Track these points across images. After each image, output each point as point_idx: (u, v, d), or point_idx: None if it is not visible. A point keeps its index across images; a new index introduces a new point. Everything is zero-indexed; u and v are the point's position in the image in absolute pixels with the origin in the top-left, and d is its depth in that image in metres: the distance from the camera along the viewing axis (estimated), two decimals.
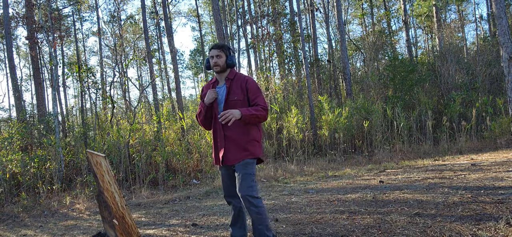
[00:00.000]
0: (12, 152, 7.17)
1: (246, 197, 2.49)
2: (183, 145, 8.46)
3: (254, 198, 2.50)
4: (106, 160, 2.67)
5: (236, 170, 2.61)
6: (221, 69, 2.68)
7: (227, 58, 2.68)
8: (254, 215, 2.51)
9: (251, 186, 2.53)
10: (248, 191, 2.51)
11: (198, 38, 27.01)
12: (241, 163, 2.59)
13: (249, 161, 2.60)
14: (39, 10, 9.81)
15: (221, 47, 2.70)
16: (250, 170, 2.58)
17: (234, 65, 2.71)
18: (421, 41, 24.33)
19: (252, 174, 2.58)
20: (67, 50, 22.28)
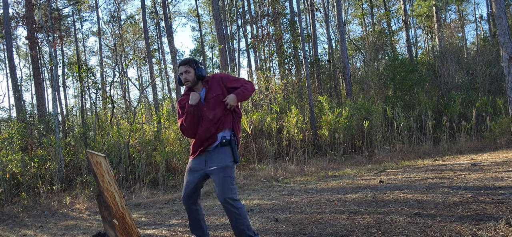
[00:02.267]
0: (12, 152, 7.17)
1: (226, 199, 2.56)
2: (183, 145, 8.45)
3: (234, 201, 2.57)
4: (106, 160, 2.67)
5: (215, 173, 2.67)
6: (192, 83, 2.75)
7: (195, 71, 2.74)
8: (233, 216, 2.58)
9: (231, 189, 2.60)
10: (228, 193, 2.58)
11: (198, 38, 27.02)
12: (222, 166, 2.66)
13: (229, 164, 2.67)
14: (39, 10, 9.81)
15: (187, 62, 2.75)
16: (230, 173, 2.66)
17: (204, 76, 2.76)
18: (421, 41, 24.34)
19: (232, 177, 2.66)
20: (67, 50, 22.29)
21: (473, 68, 12.26)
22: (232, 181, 2.61)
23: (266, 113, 10.48)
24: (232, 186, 2.60)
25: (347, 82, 12.62)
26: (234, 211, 2.55)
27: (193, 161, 2.80)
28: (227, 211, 2.57)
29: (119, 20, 20.62)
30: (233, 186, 2.61)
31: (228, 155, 2.68)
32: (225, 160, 2.65)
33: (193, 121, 2.72)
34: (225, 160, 2.65)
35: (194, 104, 2.68)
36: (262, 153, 9.20)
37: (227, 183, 2.58)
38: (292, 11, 15.74)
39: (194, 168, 2.78)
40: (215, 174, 2.64)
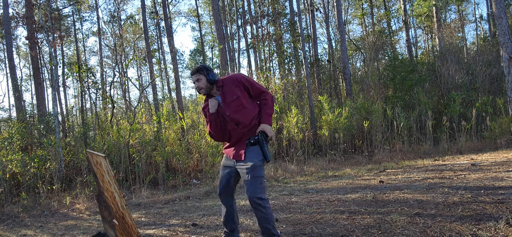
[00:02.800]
0: (12, 152, 7.17)
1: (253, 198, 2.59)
2: (183, 145, 8.45)
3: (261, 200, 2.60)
4: (106, 160, 2.67)
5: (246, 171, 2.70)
6: (207, 89, 2.77)
7: (206, 77, 2.74)
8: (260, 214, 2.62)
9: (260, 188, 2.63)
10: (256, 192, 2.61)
11: (198, 38, 27.02)
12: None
13: (258, 163, 2.67)
14: (39, 10, 9.81)
15: (197, 71, 2.78)
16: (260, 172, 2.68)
17: (216, 80, 2.76)
18: (421, 41, 24.34)
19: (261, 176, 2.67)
20: (67, 50, 22.30)
21: (473, 68, 12.26)
22: (261, 180, 2.62)
23: None
24: (261, 185, 2.61)
25: (347, 82, 12.62)
26: (262, 209, 2.58)
27: (226, 156, 2.87)
28: (254, 209, 2.61)
29: (119, 20, 20.62)
30: (262, 185, 2.61)
31: (257, 154, 2.66)
32: (254, 159, 2.64)
33: (218, 127, 2.76)
34: (254, 159, 2.64)
35: (214, 111, 2.72)
36: None
37: (256, 182, 2.59)
38: (292, 11, 15.75)
39: (226, 164, 2.85)
40: (243, 174, 2.66)
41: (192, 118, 10.18)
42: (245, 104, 2.70)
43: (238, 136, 2.73)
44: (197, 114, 10.18)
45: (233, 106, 2.68)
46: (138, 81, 20.02)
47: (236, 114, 2.68)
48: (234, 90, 2.71)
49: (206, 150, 8.08)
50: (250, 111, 2.72)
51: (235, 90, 2.71)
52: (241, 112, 2.69)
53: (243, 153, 2.68)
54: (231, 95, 2.71)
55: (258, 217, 2.62)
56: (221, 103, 2.75)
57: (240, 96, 2.70)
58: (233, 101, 2.69)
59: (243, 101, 2.69)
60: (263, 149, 2.66)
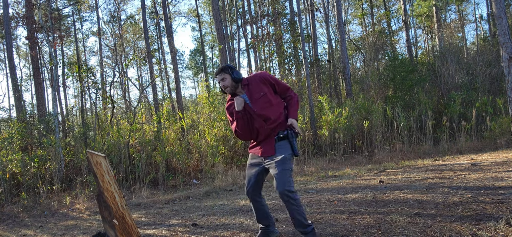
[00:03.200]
0: (12, 152, 7.18)
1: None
2: (183, 145, 8.46)
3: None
4: (106, 160, 2.67)
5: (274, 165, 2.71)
6: (232, 88, 2.78)
7: (231, 76, 2.76)
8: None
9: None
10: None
11: (198, 38, 27.02)
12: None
13: (287, 156, 2.69)
14: (39, 10, 9.81)
15: (221, 70, 2.79)
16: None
17: (241, 79, 2.79)
18: (421, 41, 24.34)
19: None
20: (67, 50, 22.30)
21: (473, 68, 12.26)
22: (290, 173, 2.63)
23: None
24: (290, 178, 2.61)
25: (347, 82, 12.62)
26: (292, 202, 2.59)
27: (252, 155, 2.88)
28: (285, 202, 2.61)
29: (119, 20, 20.62)
30: (291, 178, 2.62)
31: (286, 148, 2.69)
32: (284, 152, 2.66)
33: (245, 125, 2.77)
34: (283, 153, 2.66)
35: (241, 109, 2.72)
36: None
37: (286, 175, 2.59)
38: (292, 11, 15.75)
39: (253, 162, 2.87)
40: (273, 168, 2.67)
41: (192, 118, 10.18)
42: (272, 101, 2.73)
43: (266, 132, 2.74)
44: (197, 114, 10.19)
45: (261, 102, 2.72)
46: (138, 81, 20.02)
47: (264, 111, 2.72)
48: (261, 87, 2.75)
49: (206, 150, 8.08)
50: (277, 107, 2.76)
51: (262, 87, 2.75)
52: (269, 109, 2.72)
53: (273, 148, 2.70)
54: (258, 92, 2.74)
55: (290, 209, 2.62)
56: (247, 101, 2.76)
57: (267, 93, 2.74)
58: (261, 98, 2.73)
59: (270, 98, 2.73)
60: (292, 143, 2.68)
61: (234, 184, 6.75)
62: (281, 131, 2.73)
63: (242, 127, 2.77)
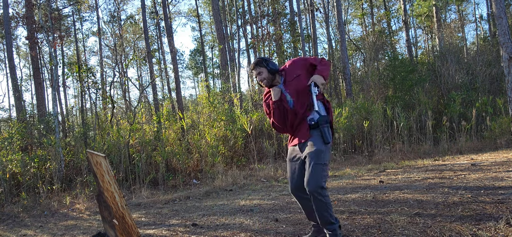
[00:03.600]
0: (12, 152, 7.18)
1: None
2: (183, 145, 8.46)
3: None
4: (106, 160, 2.67)
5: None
6: (269, 80, 2.73)
7: (267, 68, 2.71)
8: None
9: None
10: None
11: (198, 38, 27.02)
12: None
13: (320, 148, 2.55)
14: (39, 10, 9.81)
15: (256, 65, 2.75)
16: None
17: (277, 69, 2.73)
18: (421, 41, 24.34)
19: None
20: (67, 50, 22.30)
21: (473, 68, 12.26)
22: (323, 168, 2.47)
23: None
24: (323, 173, 2.46)
25: (347, 82, 12.62)
26: (321, 199, 2.45)
27: (290, 149, 2.77)
28: (313, 198, 2.47)
29: (119, 20, 20.62)
30: (323, 173, 2.46)
31: (318, 139, 2.55)
32: (315, 144, 2.53)
33: (281, 116, 2.69)
34: (315, 145, 2.53)
35: (277, 99, 2.66)
36: (262, 153, 9.20)
37: (317, 170, 2.44)
38: (292, 11, 15.75)
39: (292, 157, 2.74)
40: (306, 161, 2.54)
41: (192, 118, 10.18)
42: (305, 82, 2.64)
43: (300, 118, 2.65)
44: (197, 114, 10.19)
45: (294, 84, 2.66)
46: (138, 81, 20.02)
47: (294, 92, 2.65)
48: (295, 70, 2.71)
49: (206, 150, 8.08)
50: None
51: (296, 70, 2.71)
52: (300, 91, 2.64)
53: (306, 133, 2.60)
54: (292, 74, 2.70)
55: (317, 206, 2.48)
56: (283, 90, 2.70)
57: (301, 75, 2.68)
58: (293, 80, 2.68)
59: (303, 80, 2.65)
60: (323, 132, 2.55)
61: (234, 184, 6.75)
62: (312, 118, 2.60)
63: (279, 118, 2.69)
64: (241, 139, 9.09)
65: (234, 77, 12.60)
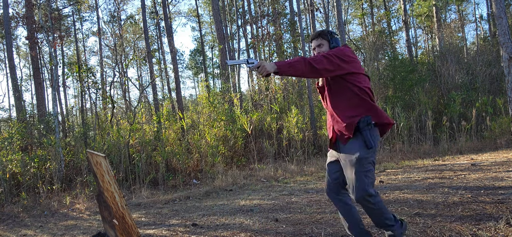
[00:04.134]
0: (12, 152, 7.18)
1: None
2: (183, 145, 8.46)
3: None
4: (106, 160, 2.67)
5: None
6: None
7: (329, 43, 2.39)
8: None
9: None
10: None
11: (198, 38, 27.01)
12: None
13: (361, 154, 2.25)
14: (39, 10, 9.81)
15: (319, 35, 2.41)
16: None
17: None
18: (421, 41, 24.34)
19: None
20: (67, 50, 22.30)
21: (473, 68, 12.26)
22: (366, 174, 2.19)
23: (266, 113, 10.49)
24: (367, 179, 2.18)
25: None
26: (371, 206, 2.21)
27: (330, 149, 2.48)
28: (363, 207, 2.25)
29: (119, 20, 20.61)
30: (367, 179, 2.19)
31: (357, 143, 2.22)
32: (355, 149, 2.21)
33: (325, 105, 2.44)
34: (354, 150, 2.21)
35: (322, 85, 2.42)
36: (262, 153, 9.20)
37: (360, 177, 2.18)
38: (292, 11, 15.75)
39: (330, 157, 2.48)
40: (344, 167, 2.28)
41: (192, 118, 10.18)
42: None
43: (337, 115, 2.35)
44: (197, 114, 10.19)
45: (336, 79, 2.34)
46: (138, 81, 20.01)
47: (331, 89, 2.36)
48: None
49: (206, 150, 8.08)
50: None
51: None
52: (337, 88, 2.33)
53: (346, 133, 2.27)
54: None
55: (369, 213, 2.27)
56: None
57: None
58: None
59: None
60: (365, 136, 2.21)
61: (234, 184, 6.75)
62: (352, 119, 2.25)
63: (325, 106, 2.42)
64: (241, 139, 9.09)
65: (234, 77, 12.60)
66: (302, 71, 2.15)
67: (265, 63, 2.17)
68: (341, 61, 2.23)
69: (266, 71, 2.17)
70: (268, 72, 2.18)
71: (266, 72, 2.18)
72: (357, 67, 2.31)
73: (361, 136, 2.23)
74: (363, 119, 2.24)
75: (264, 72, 2.18)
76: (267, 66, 2.17)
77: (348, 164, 2.25)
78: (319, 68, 2.16)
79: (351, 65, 2.27)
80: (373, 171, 2.24)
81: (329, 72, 2.22)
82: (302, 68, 2.15)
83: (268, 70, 2.17)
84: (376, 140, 2.26)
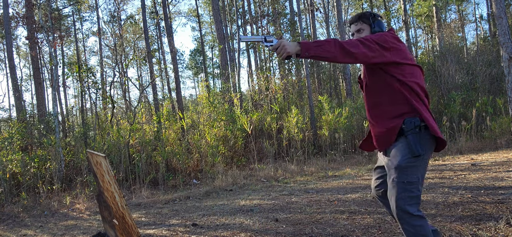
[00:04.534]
0: (12, 152, 7.18)
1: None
2: (183, 145, 8.46)
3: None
4: (106, 160, 2.67)
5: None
6: None
7: (371, 28, 2.06)
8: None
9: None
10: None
11: (198, 38, 27.01)
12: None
13: (403, 163, 1.87)
14: (39, 10, 9.81)
15: (359, 18, 2.09)
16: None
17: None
18: (421, 41, 24.35)
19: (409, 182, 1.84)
20: (67, 50, 22.31)
21: (473, 68, 12.26)
22: (407, 187, 1.80)
23: (266, 113, 10.48)
24: (409, 193, 1.80)
25: (347, 82, 12.62)
26: (410, 230, 1.82)
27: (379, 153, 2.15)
28: (400, 225, 1.88)
29: (119, 20, 20.61)
30: (410, 193, 1.80)
31: (401, 147, 1.85)
32: (398, 155, 1.84)
33: (365, 99, 2.11)
34: (398, 156, 1.85)
35: (361, 75, 2.13)
36: (262, 153, 9.20)
37: (400, 189, 1.81)
38: (292, 11, 15.75)
39: (377, 162, 2.17)
40: (387, 175, 1.93)
41: (192, 118, 10.18)
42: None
43: (376, 113, 1.99)
44: (197, 114, 10.19)
45: (374, 70, 1.99)
46: (138, 81, 20.01)
47: (370, 83, 2.02)
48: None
49: (206, 150, 8.08)
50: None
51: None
52: (378, 81, 1.97)
53: (387, 136, 1.92)
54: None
55: (405, 233, 1.88)
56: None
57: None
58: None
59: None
60: (410, 141, 1.82)
61: (234, 184, 6.75)
62: (395, 120, 1.88)
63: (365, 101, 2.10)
64: (241, 139, 9.09)
65: (234, 77, 12.60)
66: (332, 53, 1.79)
67: (286, 43, 1.83)
68: (381, 48, 1.83)
69: (287, 52, 1.83)
70: (288, 53, 1.83)
71: (287, 54, 1.84)
72: (402, 56, 1.89)
73: (405, 141, 1.85)
74: (409, 120, 1.85)
75: (284, 54, 1.84)
76: (289, 46, 1.82)
77: (388, 172, 1.91)
78: (354, 52, 1.78)
79: (393, 53, 1.87)
80: (418, 185, 1.82)
81: (367, 58, 1.82)
82: (333, 50, 1.78)
83: (289, 50, 1.82)
84: (426, 147, 1.84)
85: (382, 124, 1.94)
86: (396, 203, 1.83)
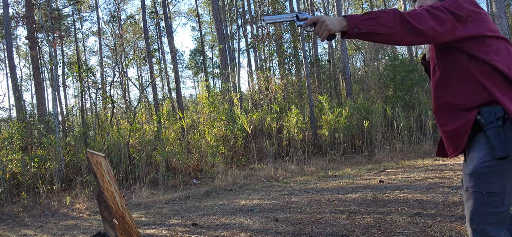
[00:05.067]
0: (12, 152, 7.18)
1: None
2: (183, 145, 8.46)
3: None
4: (106, 160, 2.67)
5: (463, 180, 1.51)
6: None
7: None
8: None
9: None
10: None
11: (198, 38, 27.01)
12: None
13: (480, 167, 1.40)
14: (39, 10, 9.81)
15: None
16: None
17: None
18: None
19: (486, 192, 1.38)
20: (67, 50, 22.29)
21: None
22: (488, 200, 1.36)
23: (266, 113, 10.48)
24: (490, 208, 1.35)
25: (347, 82, 12.61)
26: None
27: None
28: None
29: (119, 20, 20.61)
30: (491, 208, 1.35)
31: (480, 149, 1.40)
32: (475, 157, 1.41)
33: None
34: (474, 158, 1.41)
35: (429, 59, 1.68)
36: (262, 153, 9.20)
37: (477, 202, 1.38)
38: (292, 11, 15.73)
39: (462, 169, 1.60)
40: (463, 183, 1.51)
41: (192, 118, 10.18)
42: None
43: (440, 111, 1.56)
44: (197, 114, 10.19)
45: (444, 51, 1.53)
46: (138, 81, 20.01)
47: (436, 66, 1.56)
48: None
49: (206, 150, 8.08)
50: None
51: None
52: (446, 63, 1.51)
53: (458, 139, 1.47)
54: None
55: None
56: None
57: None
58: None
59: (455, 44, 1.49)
60: (491, 138, 1.35)
61: (234, 184, 6.75)
62: (467, 112, 1.43)
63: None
64: (241, 139, 9.09)
65: (234, 77, 12.60)
66: (390, 29, 1.36)
67: (327, 18, 1.44)
68: (456, 18, 1.38)
69: (329, 29, 1.42)
70: (330, 31, 1.43)
71: (328, 32, 1.43)
72: (485, 27, 1.42)
73: (484, 138, 1.39)
74: (487, 110, 1.37)
75: (325, 32, 1.44)
76: (331, 22, 1.42)
77: (463, 182, 1.50)
78: (420, 29, 1.35)
79: (474, 24, 1.41)
80: (503, 198, 1.35)
81: (437, 34, 1.38)
82: (392, 24, 1.36)
83: (331, 28, 1.42)
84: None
85: (453, 120, 1.49)
86: (471, 220, 1.39)
